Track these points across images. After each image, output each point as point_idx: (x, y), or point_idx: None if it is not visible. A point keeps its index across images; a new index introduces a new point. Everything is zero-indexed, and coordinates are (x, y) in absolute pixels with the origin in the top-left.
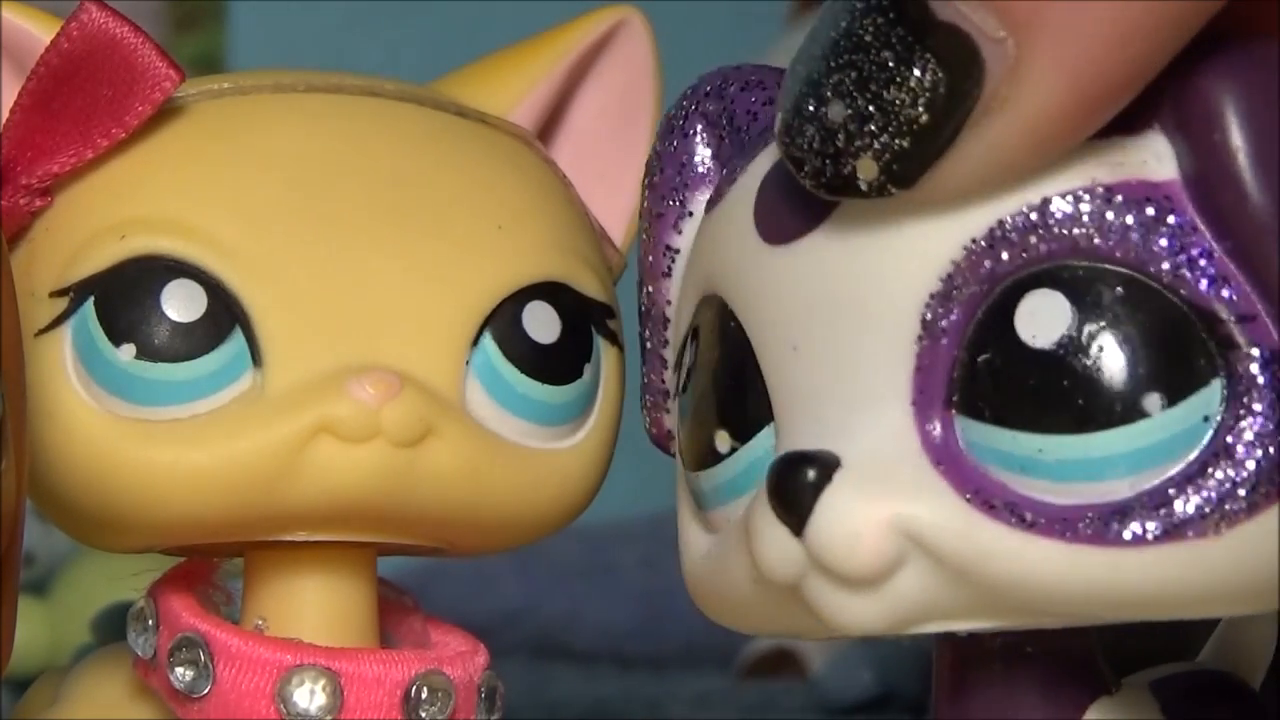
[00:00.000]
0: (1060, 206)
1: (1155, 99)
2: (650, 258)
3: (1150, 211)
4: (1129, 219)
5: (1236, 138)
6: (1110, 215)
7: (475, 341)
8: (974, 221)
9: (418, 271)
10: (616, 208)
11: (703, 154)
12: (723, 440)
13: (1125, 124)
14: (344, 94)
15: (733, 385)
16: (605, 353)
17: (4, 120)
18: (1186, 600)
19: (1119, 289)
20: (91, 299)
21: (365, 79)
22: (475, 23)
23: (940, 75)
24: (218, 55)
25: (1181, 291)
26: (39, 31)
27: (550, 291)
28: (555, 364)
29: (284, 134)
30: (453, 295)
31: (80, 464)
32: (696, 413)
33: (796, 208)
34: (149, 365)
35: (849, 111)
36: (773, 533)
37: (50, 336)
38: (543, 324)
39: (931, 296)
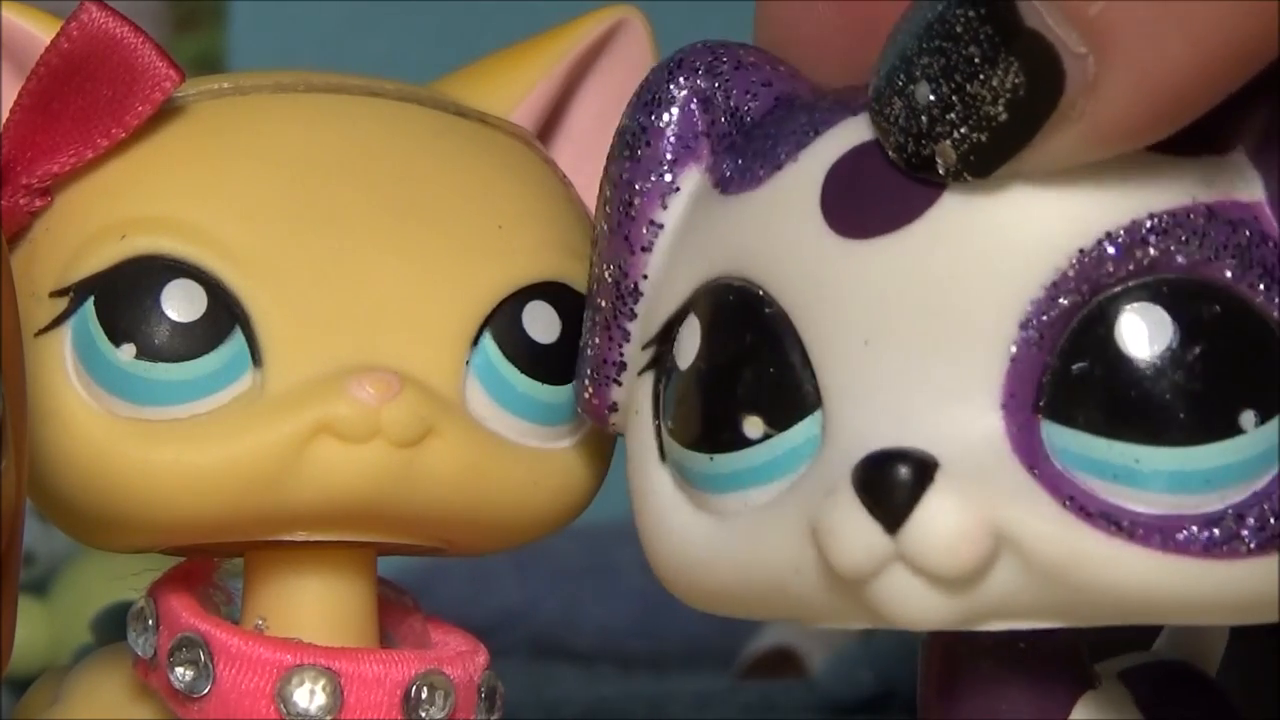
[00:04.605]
0: (1163, 222)
1: (1238, 121)
2: (626, 231)
3: (1245, 231)
4: (1226, 237)
5: None
6: (1211, 233)
7: (475, 341)
8: (1084, 230)
9: (418, 271)
10: None
11: (695, 130)
12: (753, 426)
13: (1212, 145)
14: (344, 94)
15: (768, 372)
16: None
17: (4, 120)
18: (1272, 608)
19: (1216, 306)
20: (91, 299)
21: (365, 79)
22: (475, 23)
23: (1022, 80)
24: (218, 55)
25: (1273, 311)
26: (39, 31)
27: (550, 291)
28: (555, 364)
29: (284, 134)
30: (453, 295)
31: (80, 464)
32: (709, 395)
33: (881, 203)
34: (149, 365)
35: (933, 97)
36: (858, 528)
37: (50, 336)
38: (543, 324)
39: (1032, 303)
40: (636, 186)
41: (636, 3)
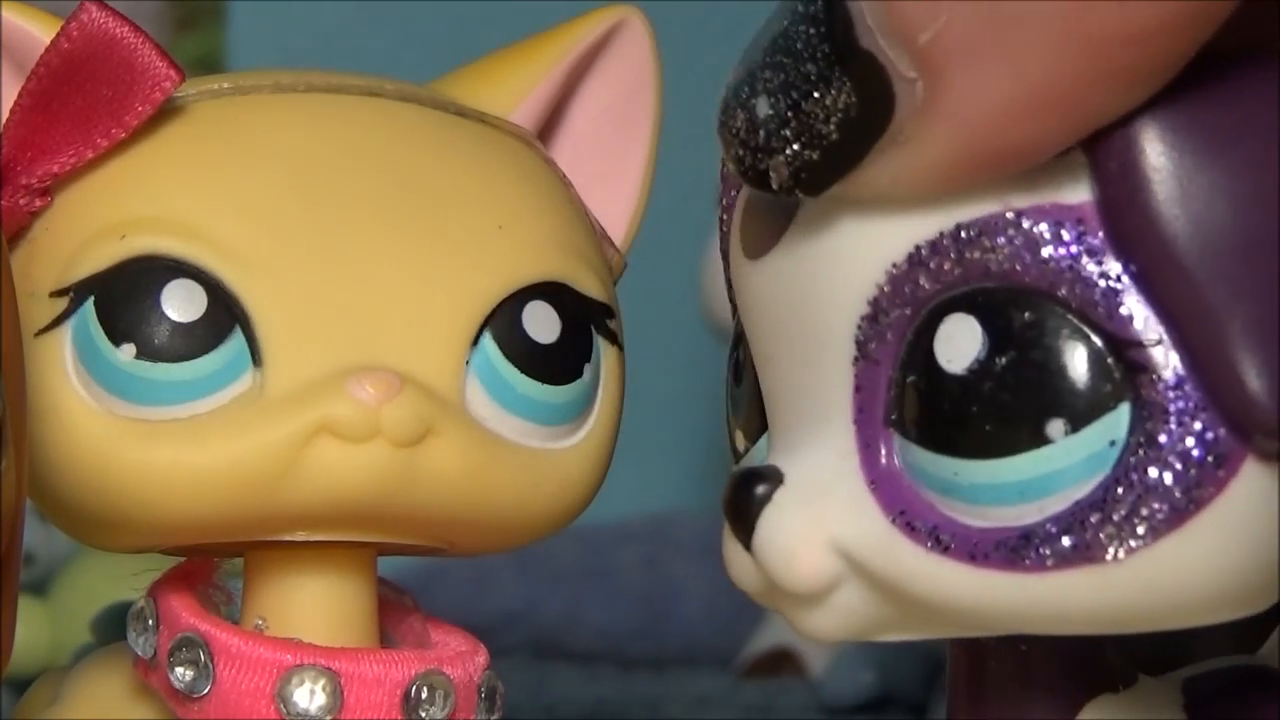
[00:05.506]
0: (972, 231)
1: None
2: (725, 247)
3: (1062, 234)
4: (1039, 242)
5: (1142, 162)
6: (1020, 240)
7: (475, 341)
8: (894, 246)
9: (418, 271)
10: (616, 208)
11: None
12: (739, 439)
13: None
14: (344, 94)
15: (746, 387)
16: (605, 353)
17: (4, 120)
18: (1094, 620)
19: (1028, 314)
20: (91, 299)
21: (365, 79)
22: (475, 23)
23: (853, 100)
24: (218, 55)
25: (1090, 315)
26: (39, 31)
27: (550, 291)
28: (555, 364)
29: (284, 134)
30: (453, 295)
31: (80, 464)
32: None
33: (763, 225)
34: (149, 365)
35: (771, 111)
36: (733, 546)
37: (50, 336)
38: (543, 324)
39: (862, 319)
40: (724, 202)
41: (636, 3)
